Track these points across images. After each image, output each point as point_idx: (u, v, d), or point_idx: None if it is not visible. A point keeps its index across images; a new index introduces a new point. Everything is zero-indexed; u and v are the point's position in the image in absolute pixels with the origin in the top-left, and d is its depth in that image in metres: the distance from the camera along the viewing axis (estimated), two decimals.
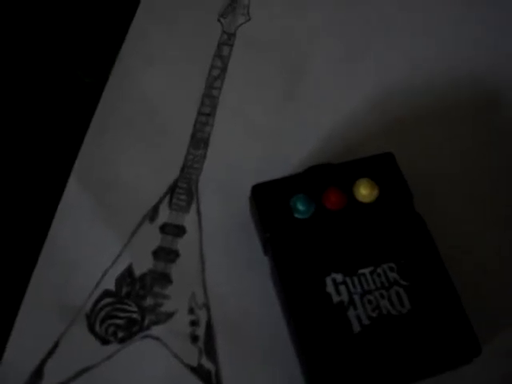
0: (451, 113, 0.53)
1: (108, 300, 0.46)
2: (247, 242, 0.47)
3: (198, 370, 0.44)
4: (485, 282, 0.47)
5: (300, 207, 0.45)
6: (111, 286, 0.46)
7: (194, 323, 0.45)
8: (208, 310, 0.46)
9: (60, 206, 0.49)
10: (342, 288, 0.43)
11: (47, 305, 0.46)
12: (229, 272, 0.47)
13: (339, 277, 0.43)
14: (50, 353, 0.45)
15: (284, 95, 0.53)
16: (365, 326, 0.42)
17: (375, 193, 0.45)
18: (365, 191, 0.45)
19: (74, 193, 0.49)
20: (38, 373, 0.44)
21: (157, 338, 0.45)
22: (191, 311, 0.46)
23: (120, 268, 0.47)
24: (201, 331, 0.45)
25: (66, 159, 0.50)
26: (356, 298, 0.43)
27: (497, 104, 0.53)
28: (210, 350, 0.45)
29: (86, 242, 0.48)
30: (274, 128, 0.52)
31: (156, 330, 0.45)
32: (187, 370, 0.44)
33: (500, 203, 0.50)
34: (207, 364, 0.44)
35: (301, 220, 0.45)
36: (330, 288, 0.43)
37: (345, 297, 0.43)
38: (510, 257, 0.48)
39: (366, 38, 0.56)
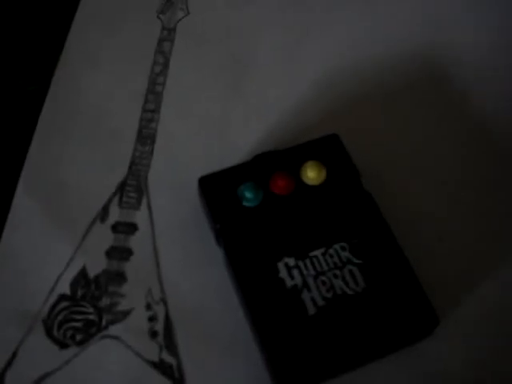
0: (398, 92, 0.53)
1: (64, 304, 0.45)
2: (200, 234, 0.47)
3: (159, 365, 0.44)
4: (437, 253, 0.47)
5: (248, 195, 0.45)
6: (66, 290, 0.46)
7: (152, 319, 0.45)
8: (165, 304, 0.45)
9: (10, 214, 0.48)
10: (295, 272, 0.43)
11: (2, 314, 0.45)
12: (184, 265, 0.47)
13: (291, 261, 0.43)
14: (9, 363, 0.44)
15: (228, 86, 0.53)
16: (320, 308, 0.42)
17: (322, 175, 0.45)
18: (312, 174, 0.45)
19: (22, 200, 0.49)
20: None
21: (116, 337, 0.45)
22: (148, 307, 0.45)
23: (74, 271, 0.46)
24: (159, 326, 0.45)
25: (13, 166, 0.50)
26: (310, 280, 0.43)
27: (444, 80, 0.54)
28: (169, 344, 0.44)
29: (39, 248, 0.47)
30: (220, 120, 0.52)
31: (114, 330, 0.45)
32: (149, 365, 0.44)
33: (447, 176, 0.50)
34: (168, 358, 0.44)
35: (250, 208, 0.45)
36: (283, 273, 0.43)
37: (298, 280, 0.43)
38: (461, 226, 0.48)
39: (307, 23, 0.56)
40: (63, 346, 0.44)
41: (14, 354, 0.44)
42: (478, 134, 0.51)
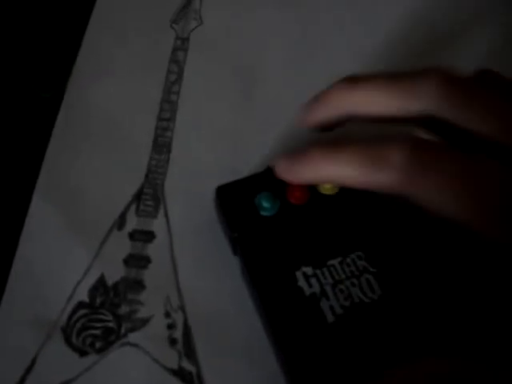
0: None
1: (83, 311, 0.46)
2: (215, 242, 0.47)
3: (179, 373, 0.44)
4: None
5: (265, 204, 0.45)
6: (85, 298, 0.46)
7: (170, 326, 0.45)
8: (184, 312, 0.46)
9: (26, 222, 0.48)
10: (313, 280, 0.43)
11: (22, 321, 0.45)
12: (201, 273, 0.47)
13: (309, 270, 0.44)
14: (29, 370, 0.44)
15: (241, 95, 0.54)
16: (338, 316, 0.42)
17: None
18: (328, 183, 0.45)
19: (39, 207, 0.49)
20: None
21: (135, 345, 0.45)
22: (167, 315, 0.46)
23: (92, 279, 0.47)
24: (178, 334, 0.45)
25: (29, 174, 0.50)
26: (328, 288, 0.43)
27: None
28: (189, 351, 0.45)
29: (56, 256, 0.47)
30: (234, 128, 0.53)
31: (133, 337, 0.45)
32: (169, 373, 0.44)
33: None
34: (188, 366, 0.44)
35: (267, 217, 0.45)
36: (302, 282, 0.43)
37: (316, 289, 0.43)
38: None
39: (320, 35, 0.57)
40: (83, 353, 0.45)
41: (33, 362, 0.44)
42: None
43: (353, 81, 0.41)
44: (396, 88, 0.40)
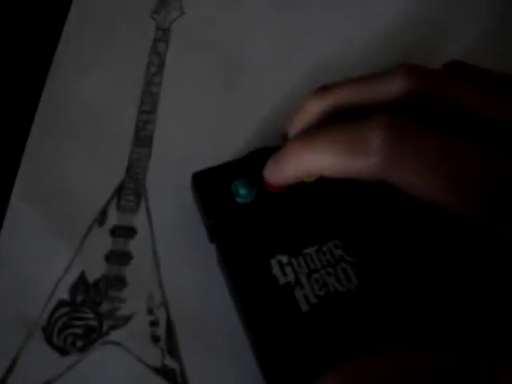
0: None
1: (63, 310, 0.45)
2: (199, 236, 0.46)
3: (162, 371, 0.43)
4: None
5: (241, 191, 0.44)
6: (65, 296, 0.45)
7: (153, 323, 0.44)
8: (167, 308, 0.45)
9: (6, 219, 0.47)
10: (288, 269, 0.42)
11: (2, 321, 0.44)
12: (184, 268, 0.46)
13: (284, 258, 0.43)
14: (9, 370, 0.43)
15: (224, 85, 0.53)
16: (313, 305, 0.41)
17: None
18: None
19: (18, 204, 0.48)
20: None
21: (117, 343, 0.44)
22: (150, 312, 0.45)
23: (73, 276, 0.46)
24: (161, 331, 0.44)
25: (8, 171, 0.49)
26: (302, 277, 0.42)
27: None
28: (172, 348, 0.44)
29: (35, 253, 0.46)
30: (217, 119, 0.52)
31: (115, 335, 0.44)
32: (151, 371, 0.43)
33: None
34: (171, 363, 0.43)
35: (243, 205, 0.44)
36: (276, 270, 0.42)
37: (291, 277, 0.42)
38: None
39: (303, 23, 0.55)
40: (64, 352, 0.44)
41: (14, 362, 0.43)
42: None
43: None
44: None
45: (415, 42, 0.55)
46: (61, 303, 0.45)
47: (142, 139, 0.50)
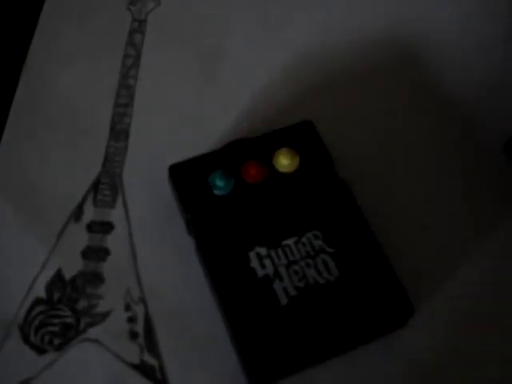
0: (373, 78, 0.52)
1: (40, 308, 0.44)
2: (178, 230, 0.46)
3: (141, 367, 0.43)
4: (412, 242, 0.46)
5: (218, 183, 0.44)
6: (42, 293, 0.44)
7: (131, 320, 0.44)
8: (145, 304, 0.44)
9: None
10: (267, 261, 0.42)
11: None
12: (162, 262, 0.45)
13: (263, 250, 0.42)
14: None
15: (201, 76, 0.52)
16: (292, 297, 0.41)
17: (296, 162, 0.44)
18: (285, 161, 0.44)
19: None
20: None
21: (95, 340, 0.43)
22: (127, 308, 0.44)
23: (49, 273, 0.45)
24: (139, 327, 0.44)
25: None
26: (281, 269, 0.42)
27: (417, 63, 0.52)
28: (150, 345, 0.43)
29: (11, 251, 0.46)
30: (194, 111, 0.51)
31: (93, 332, 0.43)
32: (130, 368, 0.43)
33: (424, 163, 0.49)
34: (150, 360, 0.43)
35: (221, 197, 0.44)
36: (254, 262, 0.42)
37: (270, 270, 0.42)
38: (436, 215, 0.47)
39: (281, 11, 0.55)
40: (41, 351, 0.43)
41: None
42: (455, 120, 0.50)
43: None
44: None
45: (400, 30, 0.54)
46: (37, 301, 0.44)
47: (119, 133, 0.50)
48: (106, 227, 0.46)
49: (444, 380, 0.42)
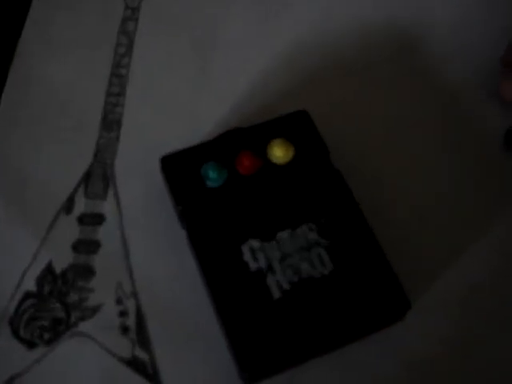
0: (369, 67, 0.51)
1: (30, 301, 0.43)
2: (170, 222, 0.45)
3: (132, 362, 0.42)
4: (409, 235, 0.45)
5: (211, 175, 0.43)
6: (32, 287, 0.44)
7: (122, 314, 0.43)
8: (136, 298, 0.43)
9: None
10: (260, 254, 0.41)
11: None
12: (154, 255, 0.45)
13: (256, 243, 0.41)
14: None
15: (195, 65, 0.51)
16: (285, 292, 0.40)
17: (290, 153, 0.43)
18: (279, 152, 0.43)
19: None
20: None
21: (86, 335, 0.43)
22: (119, 301, 0.43)
23: (39, 266, 0.44)
24: (131, 321, 0.43)
25: None
26: (275, 263, 0.41)
27: (416, 51, 0.51)
28: (142, 339, 0.42)
29: (2, 245, 0.45)
30: (187, 101, 0.50)
31: (84, 326, 0.43)
32: (121, 363, 0.42)
33: (421, 152, 0.48)
34: (141, 354, 0.42)
35: (213, 189, 0.43)
36: (247, 256, 0.41)
37: (263, 263, 0.41)
38: (434, 207, 0.46)
39: (275, 5, 0.53)
40: (31, 345, 0.42)
41: None
42: (455, 108, 0.49)
43: None
44: None
45: (396, 17, 0.53)
46: (27, 294, 0.44)
47: (111, 123, 0.49)
48: (98, 219, 0.45)
49: (441, 375, 0.42)
